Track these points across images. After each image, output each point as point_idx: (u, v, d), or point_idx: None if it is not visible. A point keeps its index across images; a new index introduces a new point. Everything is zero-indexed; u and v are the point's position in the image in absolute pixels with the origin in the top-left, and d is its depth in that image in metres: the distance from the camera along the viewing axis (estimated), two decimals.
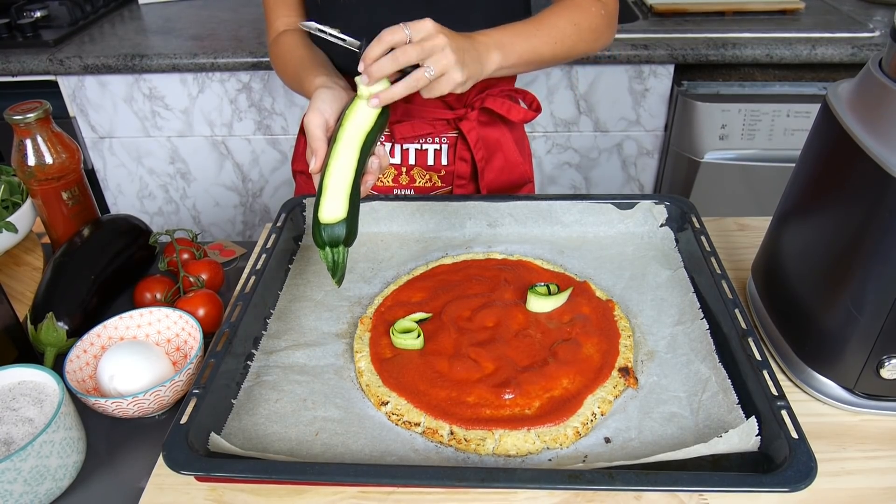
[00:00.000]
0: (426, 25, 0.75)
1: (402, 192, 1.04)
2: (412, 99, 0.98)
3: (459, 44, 0.77)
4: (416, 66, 0.75)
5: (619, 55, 1.57)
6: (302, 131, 1.10)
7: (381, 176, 1.03)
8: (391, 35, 0.74)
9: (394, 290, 0.81)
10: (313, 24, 0.81)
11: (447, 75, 0.76)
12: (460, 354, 0.70)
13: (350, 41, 0.80)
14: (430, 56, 0.74)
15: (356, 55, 0.78)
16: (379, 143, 0.80)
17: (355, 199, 0.73)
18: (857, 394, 0.67)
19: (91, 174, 1.85)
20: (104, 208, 1.90)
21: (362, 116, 0.77)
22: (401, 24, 0.75)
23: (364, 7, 0.90)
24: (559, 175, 1.83)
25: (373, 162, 0.78)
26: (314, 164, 0.76)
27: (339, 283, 0.74)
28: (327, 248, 0.72)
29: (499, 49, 0.83)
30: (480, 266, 0.84)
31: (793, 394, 0.70)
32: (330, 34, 0.80)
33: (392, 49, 0.75)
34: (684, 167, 1.68)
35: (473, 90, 0.98)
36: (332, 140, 0.76)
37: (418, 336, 0.73)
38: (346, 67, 0.95)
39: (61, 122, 1.32)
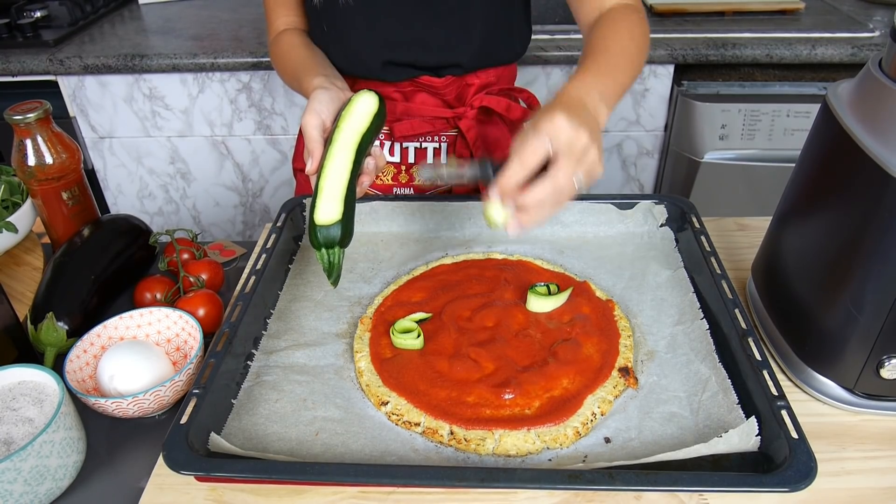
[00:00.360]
0: (563, 128, 0.61)
1: (402, 191, 1.04)
2: (411, 98, 0.98)
3: (592, 126, 0.64)
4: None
5: None
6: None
7: (380, 174, 1.03)
8: (534, 157, 0.61)
9: (394, 290, 0.81)
10: (427, 173, 0.69)
11: (591, 174, 0.64)
12: (460, 354, 0.70)
13: (469, 175, 0.67)
14: (581, 165, 0.63)
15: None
16: (376, 142, 0.80)
17: (351, 201, 0.73)
18: (857, 394, 0.67)
19: (91, 174, 1.85)
20: (104, 208, 1.90)
21: (358, 117, 0.77)
22: (539, 137, 0.61)
23: (363, 9, 0.90)
24: None
25: (369, 162, 0.78)
26: (310, 166, 0.76)
27: (335, 283, 0.74)
28: (323, 250, 0.72)
29: (604, 102, 0.72)
30: (480, 266, 0.84)
31: (793, 394, 0.70)
32: (446, 174, 0.68)
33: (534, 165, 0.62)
34: (684, 167, 1.68)
35: (472, 89, 0.98)
36: (328, 141, 0.76)
37: (418, 336, 0.73)
38: (346, 69, 0.95)
39: (61, 122, 1.32)
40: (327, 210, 0.72)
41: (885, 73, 0.60)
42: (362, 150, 0.76)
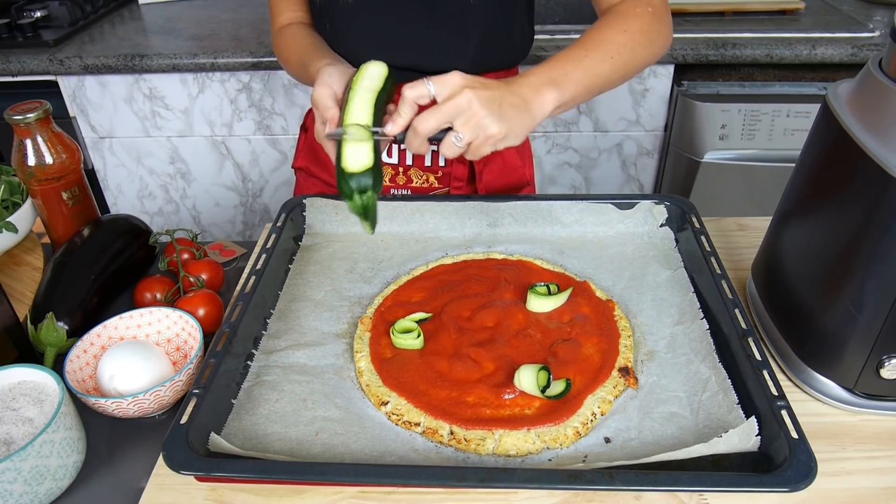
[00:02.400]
0: (451, 80, 0.69)
1: (399, 193, 1.03)
2: None
3: (493, 94, 0.70)
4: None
5: None
6: (303, 129, 1.10)
7: None
8: (412, 91, 0.70)
9: (394, 290, 0.81)
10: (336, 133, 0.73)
11: (480, 136, 0.70)
12: (460, 354, 0.70)
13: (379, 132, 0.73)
14: (455, 118, 0.69)
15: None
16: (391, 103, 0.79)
17: (377, 148, 0.71)
18: (857, 394, 0.67)
19: (91, 174, 1.85)
20: (104, 208, 1.90)
21: (371, 79, 0.76)
22: (424, 79, 0.70)
23: (363, 9, 0.90)
24: (559, 175, 1.83)
25: (387, 121, 0.77)
26: (329, 128, 0.74)
27: (373, 227, 0.72)
28: (356, 195, 0.70)
29: (552, 85, 0.75)
30: (480, 266, 0.84)
31: (793, 394, 0.70)
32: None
33: (418, 105, 0.70)
34: (684, 167, 1.68)
35: None
36: (343, 103, 0.75)
37: (418, 336, 0.73)
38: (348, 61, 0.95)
39: (61, 122, 1.32)
40: (357, 156, 0.70)
41: (885, 73, 0.60)
42: (379, 106, 0.74)
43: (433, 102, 0.71)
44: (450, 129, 0.70)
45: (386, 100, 0.77)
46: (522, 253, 0.88)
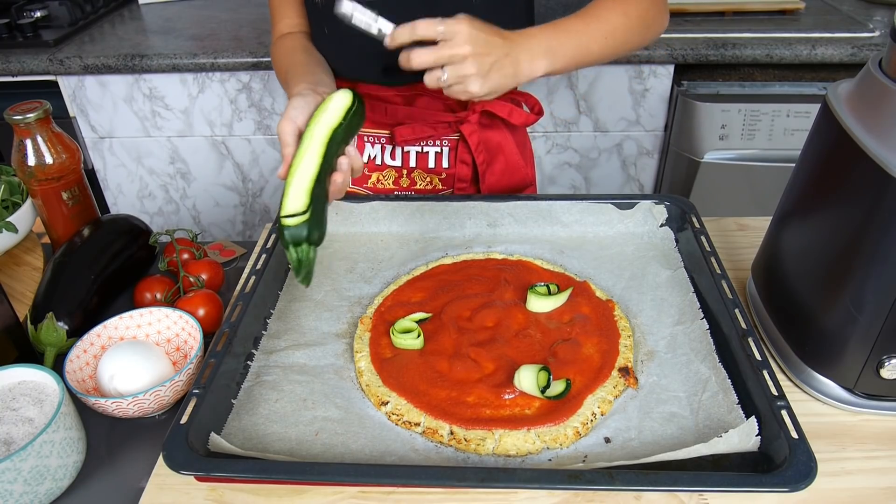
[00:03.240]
0: (458, 29, 0.74)
1: (403, 195, 1.03)
2: (413, 101, 0.97)
3: (486, 60, 0.75)
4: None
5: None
6: None
7: (381, 178, 1.03)
8: (424, 29, 0.74)
9: (394, 290, 0.81)
10: (348, 7, 0.77)
11: (462, 85, 0.76)
12: (460, 354, 0.70)
13: (382, 31, 0.77)
14: (448, 63, 0.74)
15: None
16: (351, 144, 0.77)
17: (319, 196, 0.70)
18: (857, 394, 0.67)
19: (91, 174, 1.85)
20: (104, 208, 1.90)
21: (330, 113, 0.74)
22: (438, 20, 0.74)
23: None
24: (559, 175, 1.83)
25: (342, 162, 0.75)
26: (281, 170, 0.73)
27: (305, 282, 0.70)
28: (291, 248, 0.69)
29: (547, 55, 0.80)
30: (480, 266, 0.84)
31: (793, 394, 0.70)
32: (363, 21, 0.77)
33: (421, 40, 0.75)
34: (684, 167, 1.68)
35: None
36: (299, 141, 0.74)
37: (418, 336, 0.73)
38: (346, 74, 0.94)
39: (61, 122, 1.32)
40: (293, 205, 0.68)
41: (885, 73, 0.60)
42: (334, 145, 0.73)
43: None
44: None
45: (346, 135, 0.75)
46: (522, 253, 0.88)
